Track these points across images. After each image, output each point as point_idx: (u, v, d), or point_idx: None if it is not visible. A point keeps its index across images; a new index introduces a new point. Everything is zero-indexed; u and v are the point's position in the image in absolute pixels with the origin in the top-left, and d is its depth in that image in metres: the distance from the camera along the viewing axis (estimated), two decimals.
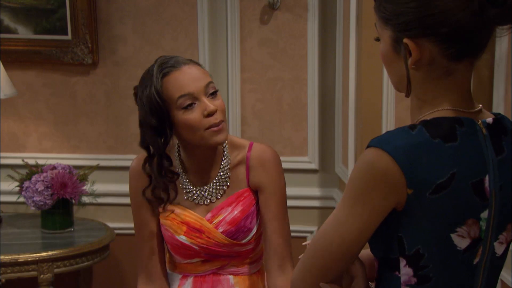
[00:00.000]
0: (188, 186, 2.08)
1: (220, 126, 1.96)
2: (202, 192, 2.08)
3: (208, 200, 2.08)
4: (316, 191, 3.40)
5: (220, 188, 2.08)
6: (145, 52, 3.35)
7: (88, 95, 3.43)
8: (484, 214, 1.33)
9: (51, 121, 3.46)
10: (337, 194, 3.29)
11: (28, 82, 3.43)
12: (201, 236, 2.05)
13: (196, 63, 2.02)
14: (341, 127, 3.21)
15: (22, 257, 2.97)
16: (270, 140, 3.30)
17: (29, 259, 2.97)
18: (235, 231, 2.06)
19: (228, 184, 2.08)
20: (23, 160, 3.29)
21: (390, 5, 1.33)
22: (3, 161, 3.41)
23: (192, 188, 2.08)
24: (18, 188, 3.18)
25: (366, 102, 2.80)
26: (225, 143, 2.08)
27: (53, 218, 3.17)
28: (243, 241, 2.08)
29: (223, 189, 2.08)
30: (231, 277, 2.12)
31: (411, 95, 1.37)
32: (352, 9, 2.86)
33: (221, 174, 2.08)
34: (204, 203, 2.08)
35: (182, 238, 2.06)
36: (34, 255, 2.98)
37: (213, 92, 1.98)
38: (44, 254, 2.99)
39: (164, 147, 2.01)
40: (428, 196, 1.28)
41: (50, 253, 2.99)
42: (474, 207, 1.32)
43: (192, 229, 2.05)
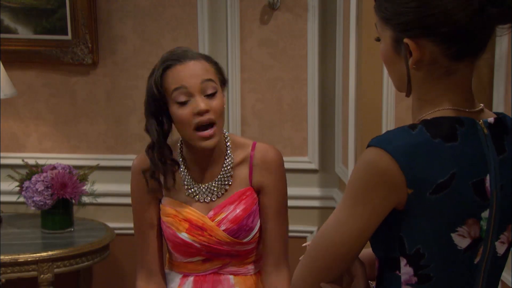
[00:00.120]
0: (190, 182, 2.09)
1: (211, 132, 1.95)
2: (203, 189, 2.08)
3: (209, 198, 2.09)
4: (316, 191, 3.40)
5: (222, 187, 2.09)
6: (145, 52, 3.35)
7: (88, 95, 3.42)
8: (485, 214, 1.33)
9: (51, 121, 3.46)
10: (337, 194, 3.29)
11: (28, 82, 3.42)
12: (203, 234, 2.05)
13: (208, 60, 2.01)
14: (341, 127, 3.21)
15: (22, 257, 2.96)
16: (270, 140, 3.29)
17: (29, 259, 2.97)
18: (237, 230, 2.06)
19: (230, 183, 2.09)
20: (23, 160, 3.28)
21: (390, 5, 1.33)
22: (3, 161, 3.41)
23: (194, 185, 2.09)
24: (18, 188, 3.18)
25: (366, 102, 2.80)
26: (228, 142, 2.09)
27: (53, 218, 3.17)
28: (245, 240, 2.08)
29: (225, 188, 2.09)
30: (232, 277, 2.12)
31: (412, 95, 1.37)
32: (352, 9, 2.86)
33: (223, 173, 2.08)
34: (205, 201, 2.09)
35: (184, 236, 2.06)
36: (34, 255, 2.97)
37: (212, 93, 1.97)
38: (44, 254, 2.98)
39: (163, 137, 2.02)
40: (429, 196, 1.28)
41: (50, 253, 2.99)
42: (475, 207, 1.32)
43: (194, 227, 2.06)
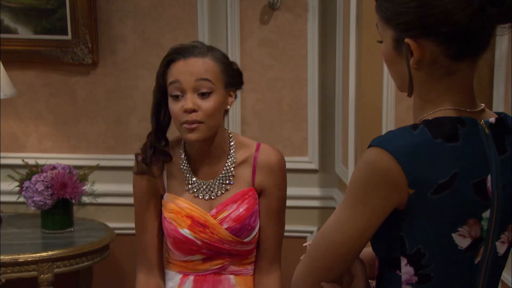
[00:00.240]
0: (191, 178, 2.10)
1: (193, 126, 1.99)
2: (204, 186, 2.10)
3: (208, 196, 2.10)
4: (316, 191, 3.39)
5: (223, 186, 2.10)
6: (145, 52, 3.35)
7: (88, 95, 3.42)
8: (486, 214, 1.33)
9: (51, 121, 3.45)
10: (337, 194, 3.29)
11: (28, 82, 3.42)
12: (205, 231, 2.07)
13: (217, 60, 2.02)
14: (341, 127, 3.21)
15: (22, 257, 2.96)
16: (270, 140, 3.29)
17: (29, 259, 2.96)
18: (240, 229, 2.07)
19: (232, 183, 2.10)
20: (23, 160, 3.28)
21: (391, 5, 1.33)
22: (3, 161, 3.41)
23: (195, 180, 2.10)
24: (18, 188, 3.18)
25: (366, 102, 2.80)
26: (232, 142, 2.12)
27: (53, 218, 3.16)
28: (246, 240, 2.09)
29: (226, 188, 2.10)
30: (232, 277, 2.13)
31: (413, 95, 1.37)
32: (352, 9, 2.86)
33: (225, 172, 2.10)
34: (204, 198, 2.10)
35: (186, 232, 2.07)
36: (34, 255, 2.97)
37: (206, 93, 1.99)
38: (44, 254, 2.98)
39: (161, 126, 2.08)
40: (430, 196, 1.28)
41: (50, 253, 2.99)
42: (476, 207, 1.32)
43: (197, 224, 2.07)
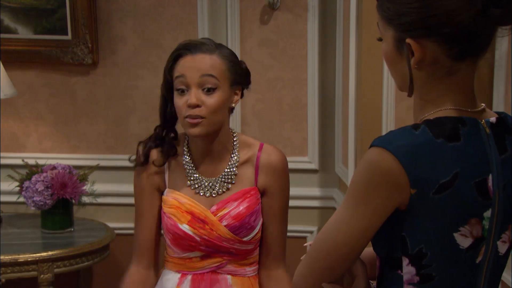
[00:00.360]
0: (193, 174, 2.11)
1: (195, 121, 2.00)
2: (206, 183, 2.11)
3: (209, 193, 2.11)
4: (316, 191, 3.39)
5: (225, 184, 2.11)
6: (145, 52, 3.35)
7: (88, 95, 3.42)
8: (487, 214, 1.33)
9: (51, 121, 3.45)
10: (337, 194, 3.29)
11: (28, 82, 3.42)
12: (204, 227, 2.07)
13: (224, 58, 2.03)
14: (341, 127, 3.21)
15: (22, 257, 2.96)
16: (270, 140, 3.28)
17: (29, 259, 2.96)
18: (239, 227, 2.07)
19: (234, 182, 2.11)
20: (23, 160, 3.28)
21: (393, 5, 1.33)
22: (3, 161, 3.41)
23: (197, 177, 2.11)
24: (18, 188, 3.18)
25: (366, 102, 2.80)
26: (236, 141, 2.12)
27: (53, 218, 3.16)
28: (245, 239, 2.09)
29: (227, 186, 2.11)
30: (229, 277, 2.13)
31: (414, 95, 1.37)
32: (352, 9, 2.86)
33: (228, 170, 2.11)
34: (205, 195, 2.11)
35: (185, 227, 2.07)
36: (34, 255, 2.97)
37: (211, 88, 2.00)
38: (44, 254, 2.98)
39: (167, 119, 2.10)
40: (431, 196, 1.28)
41: (50, 253, 2.98)
42: (477, 207, 1.32)
43: (197, 220, 2.07)
